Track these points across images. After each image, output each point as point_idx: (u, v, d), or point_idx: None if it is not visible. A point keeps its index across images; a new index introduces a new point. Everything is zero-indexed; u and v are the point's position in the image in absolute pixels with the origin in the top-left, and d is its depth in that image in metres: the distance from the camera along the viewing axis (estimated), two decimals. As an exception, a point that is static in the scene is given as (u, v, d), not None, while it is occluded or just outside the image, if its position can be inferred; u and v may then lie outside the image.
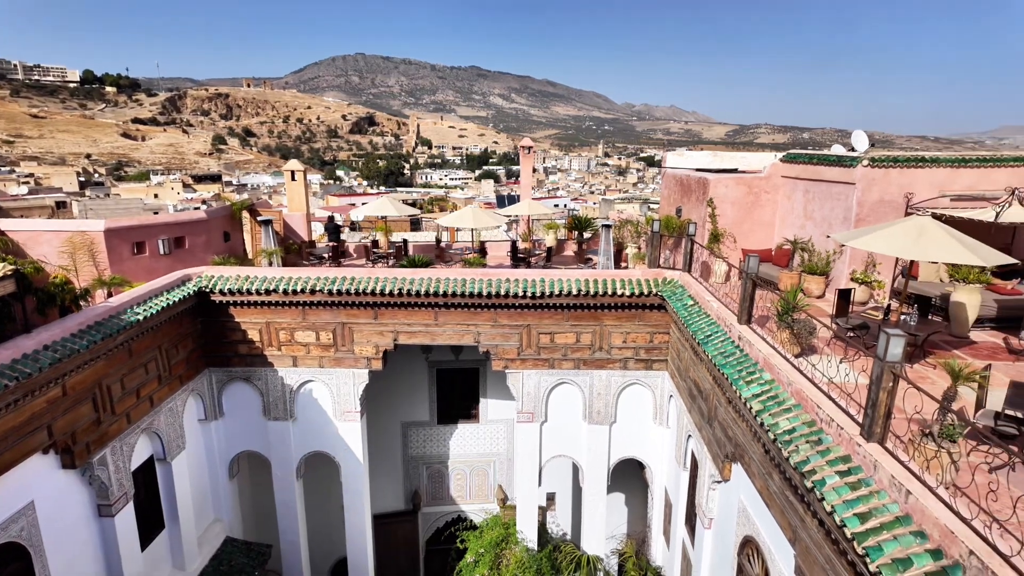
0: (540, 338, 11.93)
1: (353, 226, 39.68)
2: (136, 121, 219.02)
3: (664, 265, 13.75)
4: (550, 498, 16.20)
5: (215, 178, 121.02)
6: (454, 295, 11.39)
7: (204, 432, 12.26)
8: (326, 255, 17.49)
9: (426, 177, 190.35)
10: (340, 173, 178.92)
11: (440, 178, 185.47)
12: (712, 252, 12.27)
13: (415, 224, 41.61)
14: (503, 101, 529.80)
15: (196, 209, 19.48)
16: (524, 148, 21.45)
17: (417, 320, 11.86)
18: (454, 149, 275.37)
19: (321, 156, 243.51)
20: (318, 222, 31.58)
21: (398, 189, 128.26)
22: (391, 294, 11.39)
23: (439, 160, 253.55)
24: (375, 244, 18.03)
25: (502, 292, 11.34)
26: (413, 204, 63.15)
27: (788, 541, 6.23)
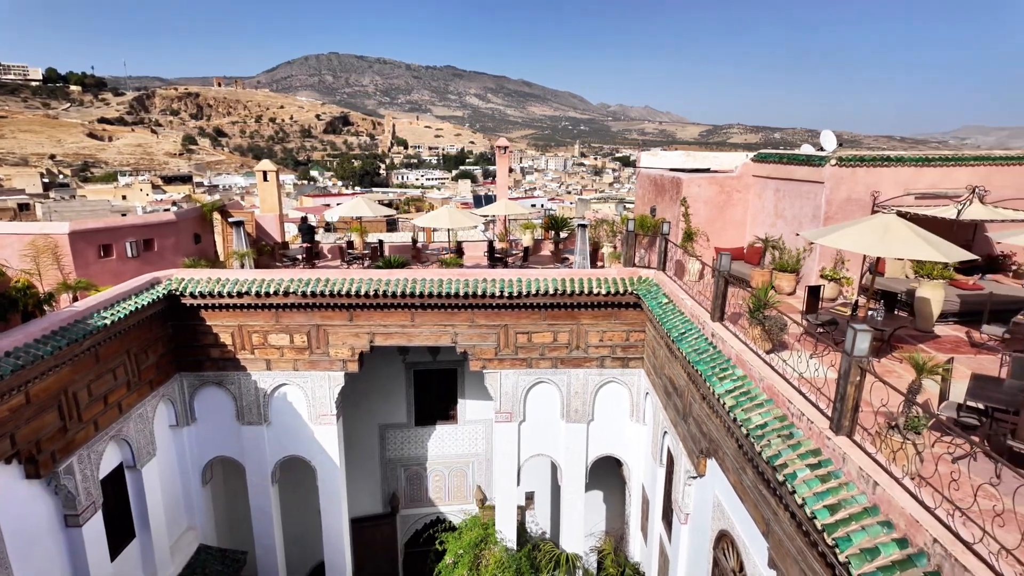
0: (518, 338, 11.94)
1: (328, 227, 39.28)
2: (103, 121, 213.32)
3: (639, 264, 13.90)
4: (529, 497, 16.23)
5: (185, 179, 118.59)
6: (431, 296, 11.35)
7: (176, 438, 12.02)
8: (300, 256, 17.28)
9: (402, 177, 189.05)
10: (314, 173, 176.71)
11: (416, 178, 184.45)
12: (686, 251, 12.43)
13: (391, 225, 41.35)
14: (479, 101, 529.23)
15: (166, 211, 19.06)
16: (500, 148, 21.45)
17: (393, 321, 11.79)
18: (430, 149, 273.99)
19: (295, 156, 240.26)
20: (292, 223, 31.19)
21: (374, 189, 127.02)
22: (367, 295, 11.30)
23: (415, 160, 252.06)
24: (350, 245, 17.87)
25: (479, 292, 11.34)
26: (389, 204, 62.73)
27: (762, 534, 6.34)
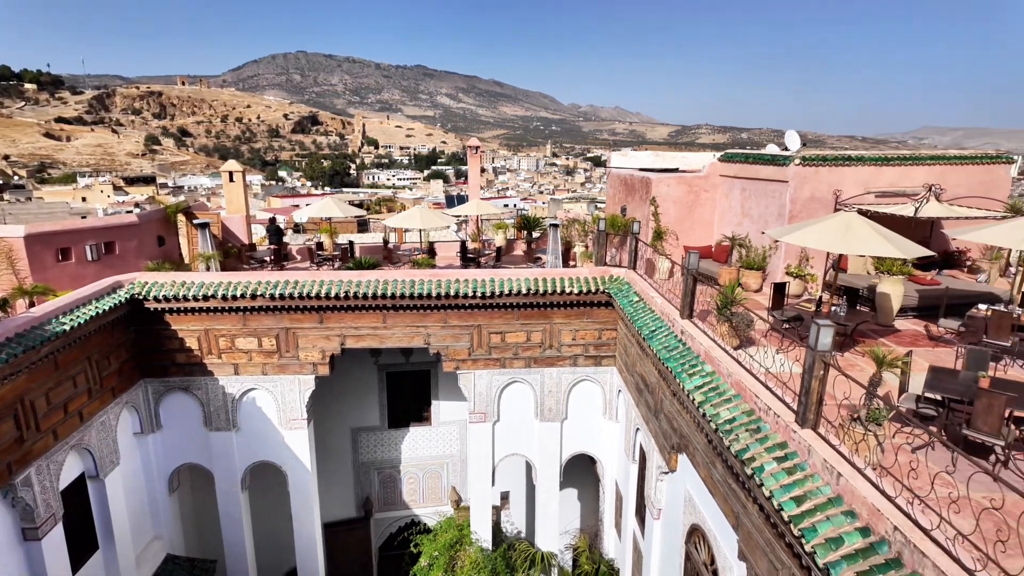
0: (491, 338, 11.94)
1: (296, 228, 38.64)
2: (60, 120, 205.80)
3: (611, 263, 14.02)
4: (504, 497, 16.23)
5: (149, 180, 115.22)
6: (403, 297, 11.27)
7: (140, 446, 11.70)
8: (268, 258, 16.97)
9: (373, 177, 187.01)
10: (282, 174, 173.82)
11: (388, 178, 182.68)
12: (656, 249, 12.58)
13: (362, 225, 40.91)
14: (451, 101, 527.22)
15: (128, 213, 18.49)
16: (472, 148, 21.40)
17: (365, 323, 11.67)
18: (401, 149, 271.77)
19: (262, 156, 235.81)
20: (259, 224, 30.58)
21: (344, 190, 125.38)
22: (337, 297, 11.16)
23: (386, 160, 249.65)
24: (320, 246, 17.62)
25: (452, 293, 11.30)
26: (360, 205, 62.03)
27: (732, 527, 6.45)
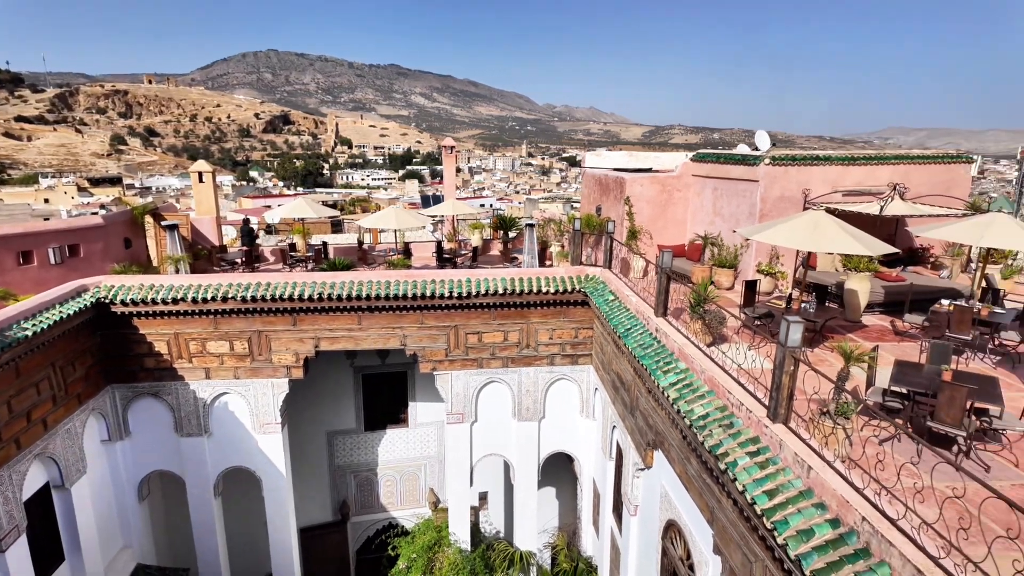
0: (468, 338, 11.91)
1: (268, 229, 38.04)
2: (20, 119, 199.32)
3: (586, 262, 14.10)
4: (483, 497, 16.22)
5: (115, 181, 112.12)
6: (378, 298, 11.17)
7: (108, 453, 11.40)
8: (239, 260, 16.68)
9: (347, 177, 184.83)
10: (254, 174, 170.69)
11: (362, 178, 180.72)
12: (630, 249, 12.69)
13: (336, 226, 40.47)
14: (425, 100, 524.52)
15: (93, 214, 17.99)
16: (447, 148, 21.32)
17: (340, 325, 11.54)
18: (376, 149, 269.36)
19: (233, 156, 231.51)
20: (230, 226, 30.07)
21: (317, 190, 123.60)
22: (311, 299, 11.02)
23: (360, 160, 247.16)
24: (293, 247, 17.39)
25: (428, 293, 11.24)
26: (333, 205, 61.32)
27: (707, 522, 6.54)
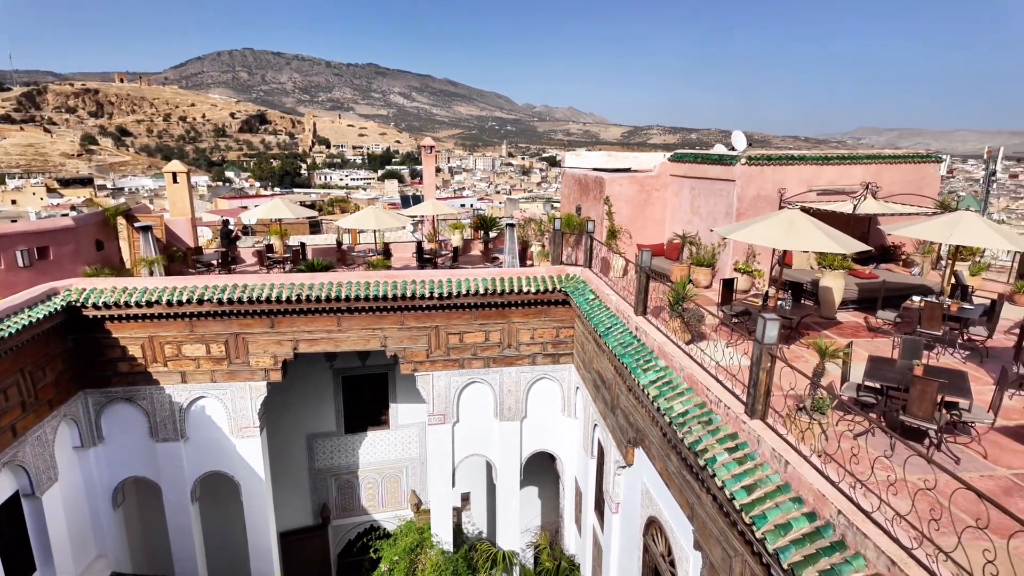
0: (449, 339, 11.88)
1: (245, 230, 37.49)
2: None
3: (567, 262, 14.14)
4: (465, 498, 16.19)
5: (86, 181, 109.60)
6: (357, 299, 11.08)
7: (81, 460, 11.14)
8: (215, 262, 16.41)
9: (325, 177, 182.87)
10: (230, 174, 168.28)
11: (340, 178, 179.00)
12: (610, 248, 12.77)
13: (314, 227, 39.96)
14: (404, 100, 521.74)
15: (63, 216, 17.61)
16: (426, 148, 21.26)
17: (319, 327, 11.43)
18: (354, 148, 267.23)
19: (208, 156, 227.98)
20: (206, 227, 29.58)
21: (295, 190, 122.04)
22: (289, 301, 10.89)
23: (338, 160, 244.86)
24: (270, 248, 17.17)
25: (408, 294, 11.19)
26: (312, 206, 60.58)
27: (687, 518, 6.61)
